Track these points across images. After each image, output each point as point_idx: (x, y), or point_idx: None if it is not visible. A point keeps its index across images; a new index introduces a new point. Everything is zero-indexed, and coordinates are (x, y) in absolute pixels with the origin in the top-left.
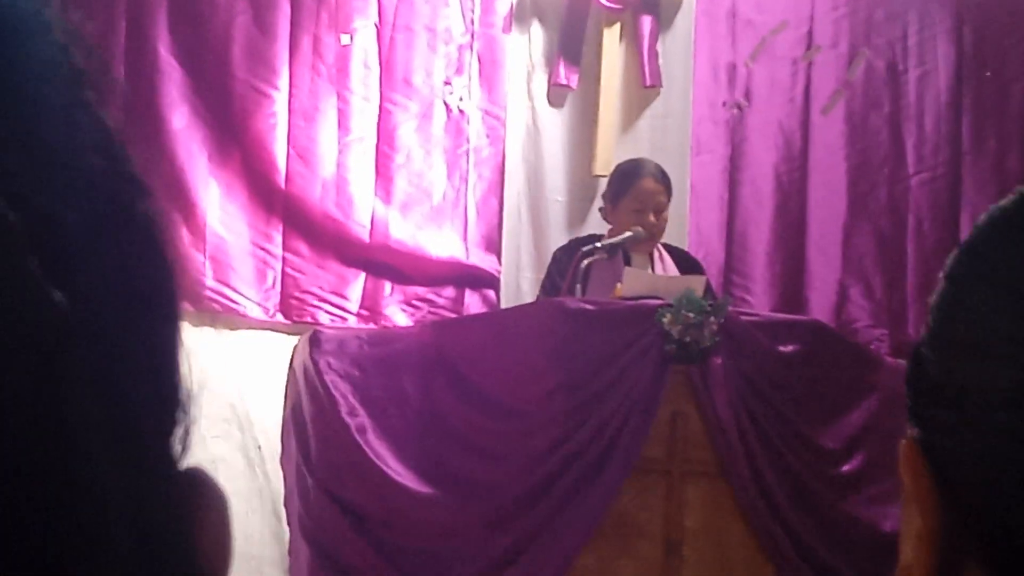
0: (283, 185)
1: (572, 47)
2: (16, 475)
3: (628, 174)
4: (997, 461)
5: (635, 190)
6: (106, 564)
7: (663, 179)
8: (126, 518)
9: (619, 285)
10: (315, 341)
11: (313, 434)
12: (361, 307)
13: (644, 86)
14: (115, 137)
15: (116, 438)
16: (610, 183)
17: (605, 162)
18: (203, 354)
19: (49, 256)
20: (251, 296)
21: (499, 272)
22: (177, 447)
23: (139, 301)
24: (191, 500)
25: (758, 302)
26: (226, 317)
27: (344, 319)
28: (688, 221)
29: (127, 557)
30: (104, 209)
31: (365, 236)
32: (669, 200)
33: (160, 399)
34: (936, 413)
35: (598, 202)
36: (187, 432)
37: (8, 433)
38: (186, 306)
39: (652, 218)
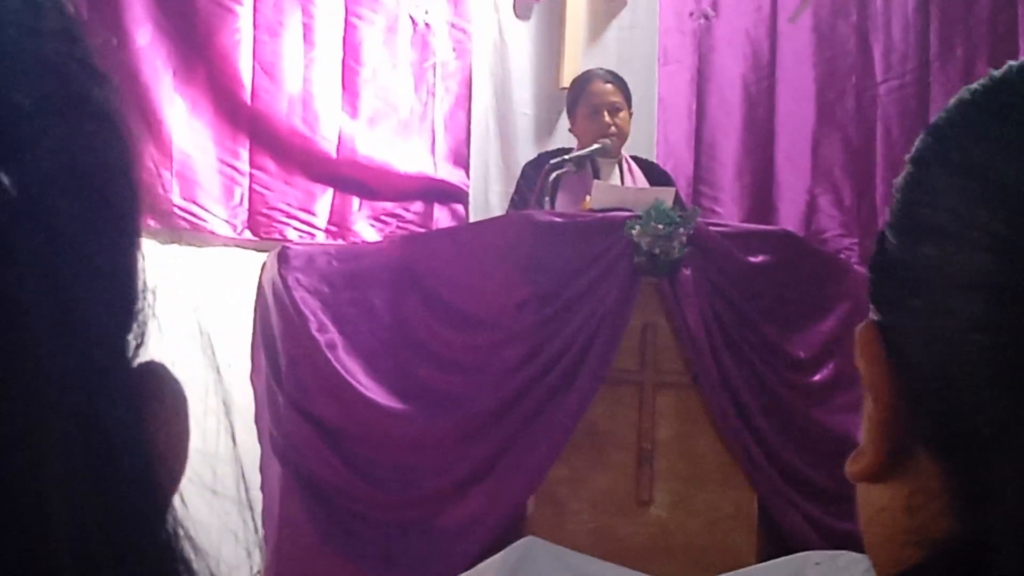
0: (249, 101)
1: None
2: None
3: (578, 82)
4: (953, 343)
5: (586, 94)
6: (49, 451)
7: (615, 80)
8: (75, 412)
9: (588, 197)
10: (283, 258)
11: (283, 351)
12: (329, 223)
13: None
14: (72, 21)
15: (63, 325)
16: (567, 99)
17: (572, 74)
18: (169, 271)
19: None
20: (218, 213)
21: (467, 186)
22: (133, 340)
23: (92, 188)
24: (146, 393)
25: (727, 212)
26: (193, 234)
27: (312, 235)
28: (656, 132)
29: (74, 451)
30: (57, 94)
31: (332, 151)
32: (627, 100)
33: (113, 290)
34: (896, 295)
35: (565, 116)
36: (144, 326)
37: None
38: (153, 223)
39: (607, 118)
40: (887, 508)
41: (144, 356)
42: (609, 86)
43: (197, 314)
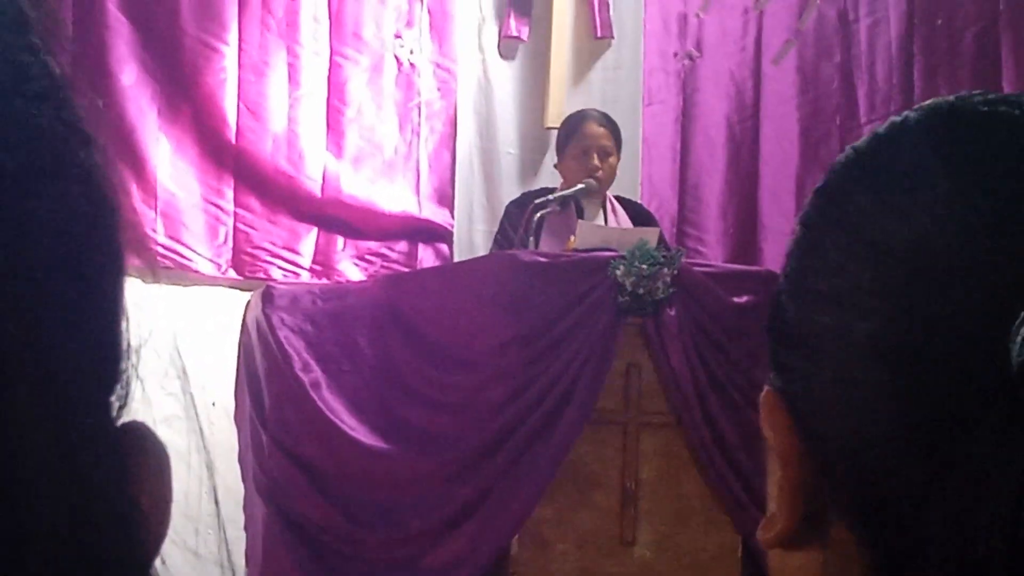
0: (234, 140)
1: None
2: None
3: (572, 120)
4: (855, 412)
5: (579, 134)
6: (31, 519)
7: (607, 123)
8: (55, 473)
9: (572, 237)
10: (268, 297)
11: (267, 390)
12: (314, 262)
13: (595, 37)
14: (60, 83)
15: (46, 391)
16: (557, 135)
17: (557, 114)
18: (154, 311)
19: None
20: (203, 252)
21: (452, 225)
22: (116, 402)
23: (76, 251)
24: (129, 455)
25: (712, 253)
26: (178, 273)
27: (297, 274)
28: (640, 172)
29: (56, 512)
30: (43, 156)
31: (317, 191)
32: (616, 146)
33: (97, 352)
34: (796, 362)
35: (550, 154)
36: (127, 387)
37: None
38: (136, 262)
39: (596, 161)
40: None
41: (127, 416)
42: (603, 129)
43: (186, 366)
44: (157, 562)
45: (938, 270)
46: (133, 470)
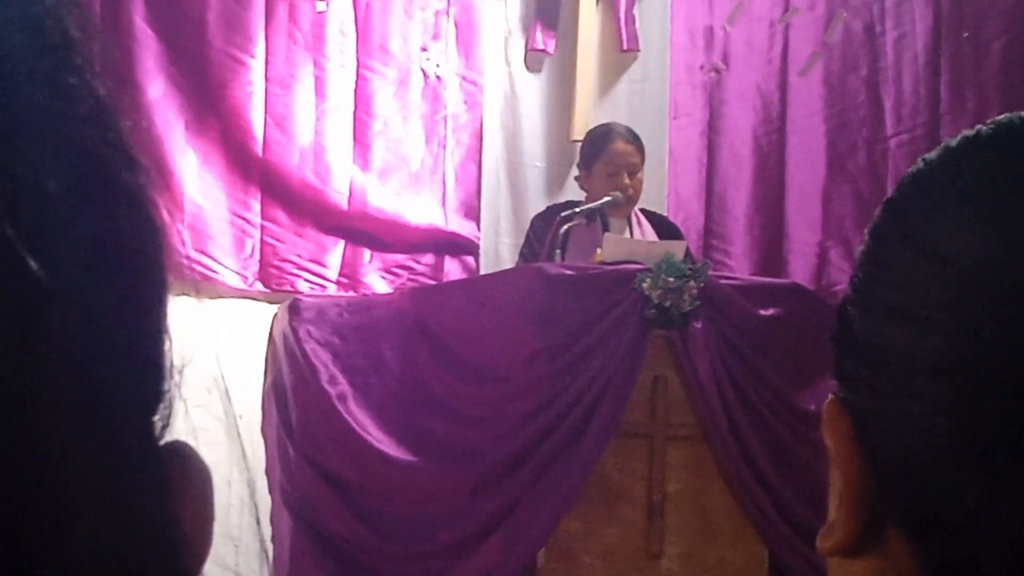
0: (260, 153)
1: (549, 12)
2: None
3: (599, 138)
4: (916, 426)
5: (607, 154)
6: (76, 540)
7: (634, 140)
8: (100, 494)
9: (598, 251)
10: (294, 309)
11: (294, 403)
12: (340, 275)
13: (621, 50)
14: (105, 105)
15: (91, 412)
16: (582, 150)
17: (583, 127)
18: (182, 324)
19: (28, 224)
20: (230, 265)
21: (478, 238)
22: (159, 422)
23: (121, 273)
24: (172, 475)
25: (738, 266)
26: (205, 286)
27: (323, 287)
28: (667, 185)
29: (100, 533)
30: (88, 179)
31: (343, 203)
32: (642, 161)
33: (141, 373)
34: (860, 373)
35: (576, 169)
36: (170, 406)
37: None
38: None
39: (626, 180)
40: None
41: (170, 436)
42: (631, 147)
43: (215, 379)
44: None
45: (1007, 289)
46: (176, 490)
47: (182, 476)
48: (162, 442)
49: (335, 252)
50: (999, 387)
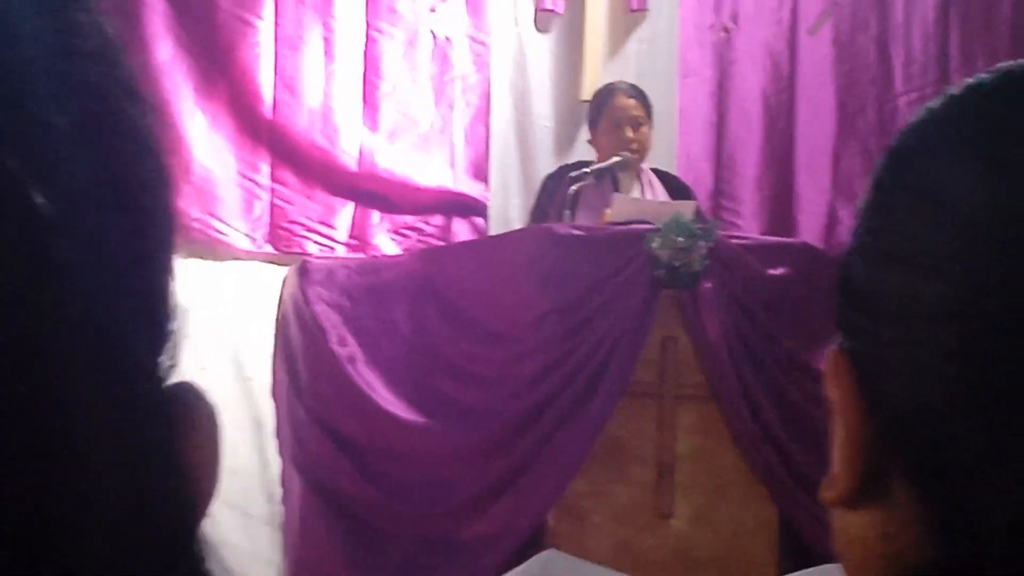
0: (269, 115)
1: None
2: None
3: (601, 95)
4: (920, 374)
5: (609, 108)
6: (83, 476)
7: (637, 95)
8: (108, 428)
9: (608, 211)
10: (304, 271)
11: (303, 365)
12: (349, 236)
13: (630, 10)
14: (112, 42)
15: (97, 344)
16: (589, 110)
17: (592, 87)
18: (192, 286)
19: (33, 158)
20: (239, 227)
21: (487, 199)
22: (166, 361)
23: (127, 209)
24: (179, 414)
25: (747, 225)
26: (214, 248)
27: (332, 249)
28: (676, 145)
29: (107, 468)
30: (94, 115)
31: (352, 165)
32: (649, 115)
33: (147, 310)
34: (863, 322)
35: (586, 127)
36: (176, 347)
37: None
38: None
39: (630, 133)
40: (862, 534)
41: (176, 376)
42: (632, 100)
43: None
44: (206, 521)
45: (1009, 234)
46: (183, 429)
47: (189, 415)
48: (169, 382)
49: (344, 214)
50: (1001, 333)
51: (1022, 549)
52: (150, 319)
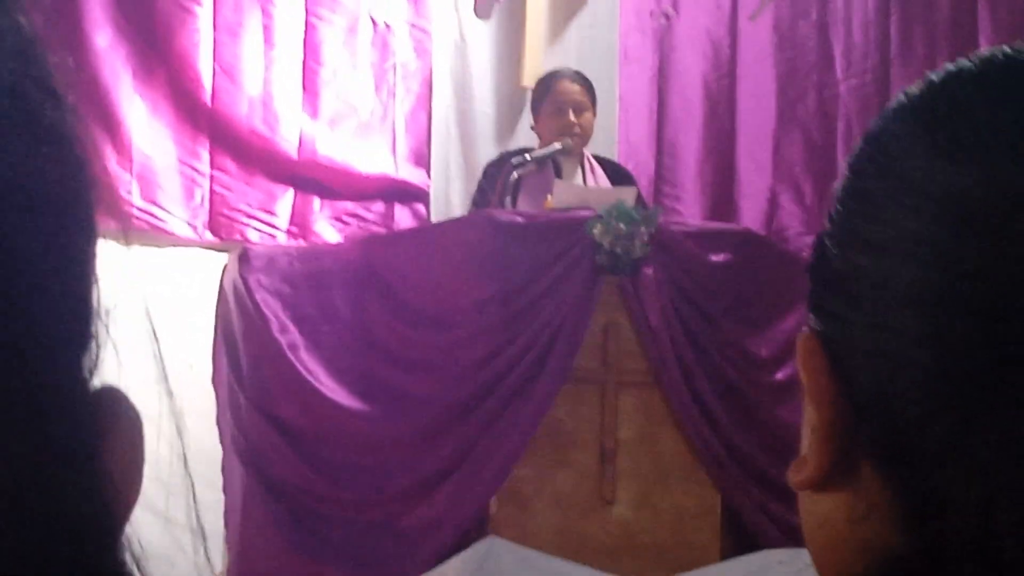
0: (209, 102)
1: None
2: None
3: (544, 80)
4: (890, 358)
5: (552, 93)
6: None
7: (580, 80)
8: (22, 433)
9: (549, 197)
10: (244, 259)
11: (244, 352)
12: (290, 224)
13: None
14: (30, 41)
15: (16, 348)
16: (532, 96)
17: (533, 74)
18: (130, 273)
19: None
20: (179, 214)
21: (428, 186)
22: (87, 365)
23: (44, 212)
24: (101, 418)
25: (689, 211)
26: (154, 236)
27: (273, 236)
28: (617, 132)
29: (22, 473)
30: (11, 114)
31: (293, 152)
32: (591, 101)
33: (67, 313)
34: (835, 306)
35: (527, 114)
36: (98, 350)
37: None
38: (111, 224)
39: (572, 117)
40: (830, 518)
41: (99, 381)
42: (576, 86)
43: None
44: (127, 528)
45: (985, 222)
46: (105, 434)
47: (111, 420)
48: (92, 386)
49: (285, 201)
50: (974, 318)
51: (989, 536)
52: (70, 322)
